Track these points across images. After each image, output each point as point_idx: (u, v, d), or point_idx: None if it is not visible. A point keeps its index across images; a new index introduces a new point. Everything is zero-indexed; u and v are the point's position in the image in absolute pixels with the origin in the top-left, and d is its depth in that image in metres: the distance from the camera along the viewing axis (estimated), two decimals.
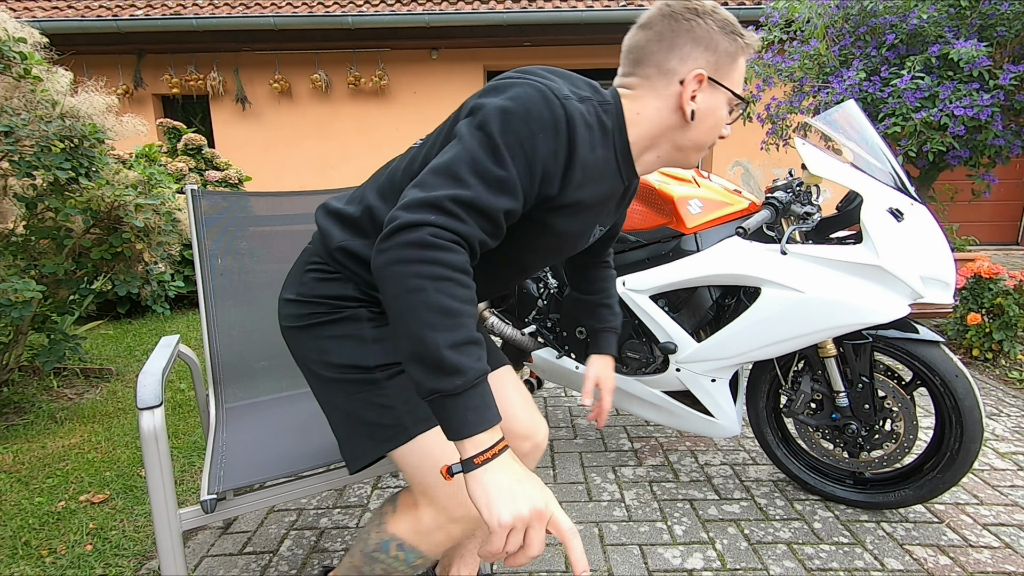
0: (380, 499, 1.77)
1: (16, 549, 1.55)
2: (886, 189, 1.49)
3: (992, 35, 2.92)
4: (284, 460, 1.19)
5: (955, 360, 1.48)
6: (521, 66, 0.89)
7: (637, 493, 1.78)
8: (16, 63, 2.17)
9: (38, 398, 2.57)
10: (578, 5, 5.66)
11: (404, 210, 0.68)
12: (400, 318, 0.65)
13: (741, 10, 5.40)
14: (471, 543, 1.15)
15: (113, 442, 2.17)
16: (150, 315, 4.08)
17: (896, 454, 1.58)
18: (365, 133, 6.29)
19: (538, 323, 2.07)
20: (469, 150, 0.72)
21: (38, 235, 2.36)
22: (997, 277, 2.80)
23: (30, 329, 2.46)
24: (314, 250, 0.96)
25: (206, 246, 1.57)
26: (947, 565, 1.44)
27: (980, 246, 5.88)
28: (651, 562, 1.46)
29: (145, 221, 2.40)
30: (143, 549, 1.55)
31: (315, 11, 5.65)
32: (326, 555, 1.51)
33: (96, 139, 2.32)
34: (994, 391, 2.53)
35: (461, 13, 5.55)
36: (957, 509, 1.67)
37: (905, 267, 1.41)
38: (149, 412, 0.99)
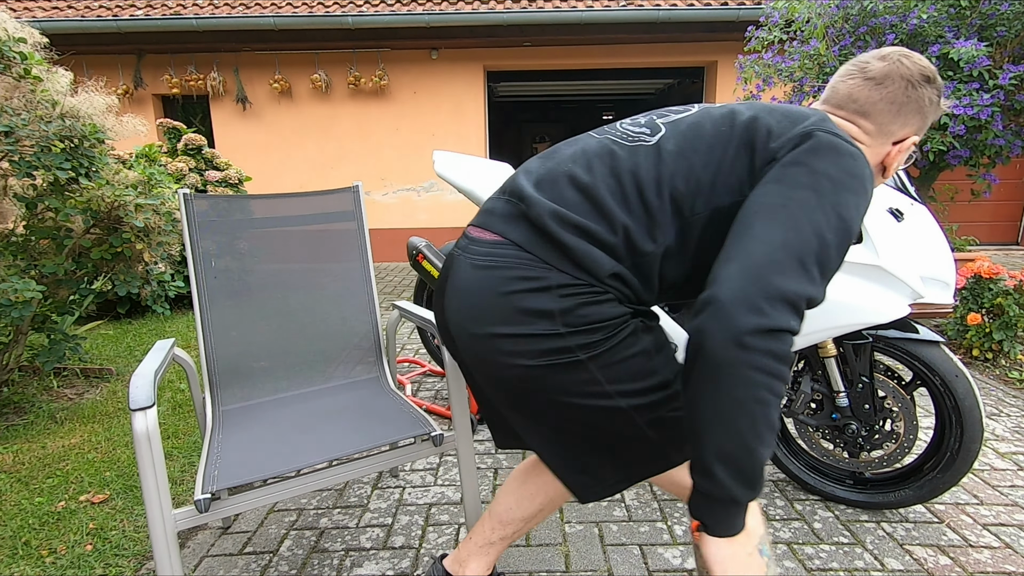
0: (380, 499, 1.77)
1: (16, 549, 1.55)
2: (886, 189, 1.49)
3: (992, 35, 2.92)
4: (280, 459, 1.19)
5: (955, 360, 1.48)
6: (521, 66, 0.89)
7: (637, 493, 1.78)
8: (16, 63, 2.17)
9: (38, 398, 2.57)
10: (578, 5, 5.66)
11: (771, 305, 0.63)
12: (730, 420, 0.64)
13: (741, 10, 5.40)
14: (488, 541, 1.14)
15: (113, 442, 2.17)
16: (150, 315, 4.08)
17: (896, 454, 1.58)
18: (365, 133, 6.29)
19: None
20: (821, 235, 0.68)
21: (38, 235, 2.36)
22: (997, 277, 2.80)
23: (30, 329, 2.46)
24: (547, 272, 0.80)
25: (200, 249, 1.57)
26: (947, 565, 1.44)
27: (980, 246, 5.88)
28: (651, 562, 1.46)
29: (145, 221, 2.40)
30: (143, 549, 1.55)
31: (315, 11, 5.65)
32: (326, 555, 1.51)
33: (96, 139, 2.32)
34: (994, 391, 2.53)
35: (461, 13, 5.54)
36: (957, 509, 1.67)
37: (905, 267, 1.41)
38: (142, 413, 0.99)
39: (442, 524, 1.63)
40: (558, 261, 0.79)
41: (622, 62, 6.33)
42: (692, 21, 5.53)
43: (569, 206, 0.81)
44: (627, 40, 5.96)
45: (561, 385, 0.80)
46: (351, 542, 1.57)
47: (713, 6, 5.50)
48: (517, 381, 0.82)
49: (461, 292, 0.85)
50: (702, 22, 5.55)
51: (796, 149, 0.75)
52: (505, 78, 7.23)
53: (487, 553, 1.14)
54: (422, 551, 1.52)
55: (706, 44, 6.05)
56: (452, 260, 0.90)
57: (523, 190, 0.85)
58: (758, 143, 0.78)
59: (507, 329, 0.80)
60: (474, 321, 0.83)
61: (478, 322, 0.82)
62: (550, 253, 0.80)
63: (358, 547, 1.55)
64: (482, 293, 0.82)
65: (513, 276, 0.80)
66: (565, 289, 0.78)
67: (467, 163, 2.17)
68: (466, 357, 0.88)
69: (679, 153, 0.81)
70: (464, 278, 0.85)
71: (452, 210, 6.46)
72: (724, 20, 5.47)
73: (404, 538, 1.58)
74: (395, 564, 1.47)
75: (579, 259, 0.78)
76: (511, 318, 0.79)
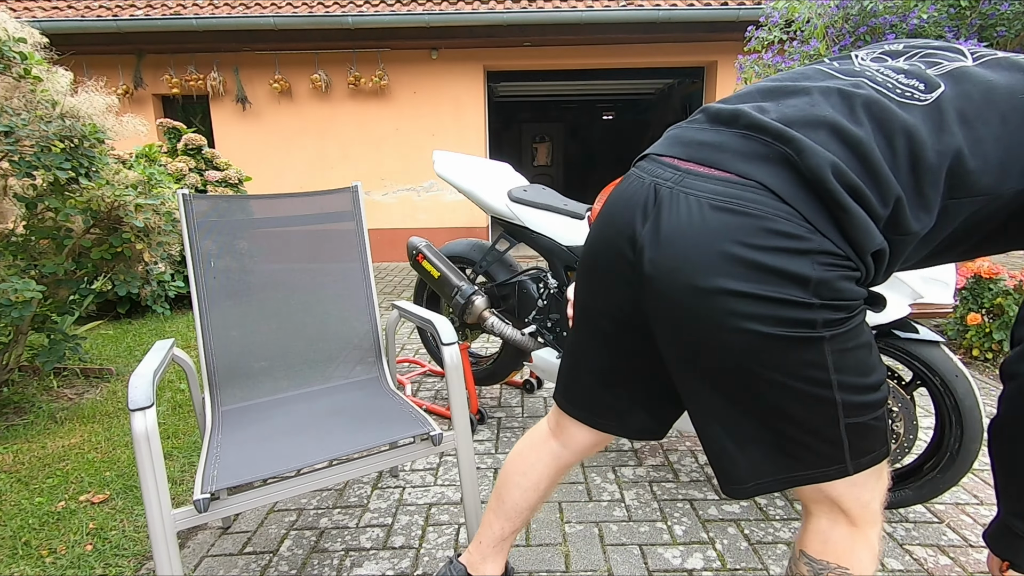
0: (380, 499, 1.77)
1: (16, 549, 1.55)
2: None
3: (992, 35, 2.92)
4: (279, 459, 1.19)
5: (955, 360, 1.48)
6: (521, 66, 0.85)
7: (637, 493, 1.78)
8: (16, 63, 2.17)
9: (38, 398, 2.57)
10: (578, 5, 5.66)
11: None
12: None
13: (741, 10, 5.40)
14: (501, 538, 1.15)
15: (113, 442, 2.17)
16: (150, 315, 4.08)
17: (896, 454, 1.58)
18: (365, 133, 6.29)
19: (538, 323, 2.07)
20: None
21: (38, 235, 2.36)
22: (997, 277, 2.80)
23: (30, 329, 2.46)
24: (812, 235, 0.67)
25: (199, 249, 1.57)
26: (947, 565, 1.44)
27: None
28: (651, 562, 1.46)
29: (145, 221, 2.40)
30: (143, 549, 1.55)
31: (315, 11, 5.65)
32: (326, 555, 1.51)
33: (96, 139, 2.32)
34: (994, 391, 2.53)
35: (461, 13, 5.55)
36: (957, 509, 1.67)
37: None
38: (141, 413, 0.99)
39: (442, 524, 1.63)
40: (824, 225, 0.66)
41: (622, 62, 6.33)
42: (692, 21, 5.53)
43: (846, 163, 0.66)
44: (627, 40, 5.96)
45: (785, 362, 0.70)
46: (351, 542, 1.57)
47: (713, 6, 5.50)
48: (736, 348, 0.70)
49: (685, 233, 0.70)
50: (702, 22, 5.55)
51: None
52: (505, 78, 7.23)
53: (501, 550, 1.15)
54: (422, 551, 1.52)
55: (706, 44, 6.05)
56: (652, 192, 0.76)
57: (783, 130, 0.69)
58: None
59: (748, 287, 0.67)
60: (701, 271, 0.69)
61: (707, 273, 0.69)
62: (818, 213, 0.66)
63: (358, 547, 1.55)
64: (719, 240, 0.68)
65: (765, 228, 0.67)
66: (826, 258, 0.66)
67: (467, 163, 2.17)
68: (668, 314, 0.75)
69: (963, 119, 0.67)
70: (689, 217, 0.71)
71: (452, 210, 6.47)
72: (724, 20, 5.47)
73: (404, 538, 1.58)
74: (395, 564, 1.47)
75: (852, 228, 0.66)
76: (756, 276, 0.67)
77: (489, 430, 2.23)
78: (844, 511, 0.80)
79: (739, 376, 0.73)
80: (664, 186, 0.75)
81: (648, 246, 0.74)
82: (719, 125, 0.76)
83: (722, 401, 0.77)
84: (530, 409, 2.42)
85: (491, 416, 2.35)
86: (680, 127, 0.83)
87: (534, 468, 1.10)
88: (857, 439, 0.74)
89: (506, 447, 2.08)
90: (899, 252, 0.71)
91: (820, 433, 0.74)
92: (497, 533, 1.14)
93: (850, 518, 0.80)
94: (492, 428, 2.24)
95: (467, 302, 2.02)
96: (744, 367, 0.72)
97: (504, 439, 2.15)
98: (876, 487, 0.80)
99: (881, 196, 0.66)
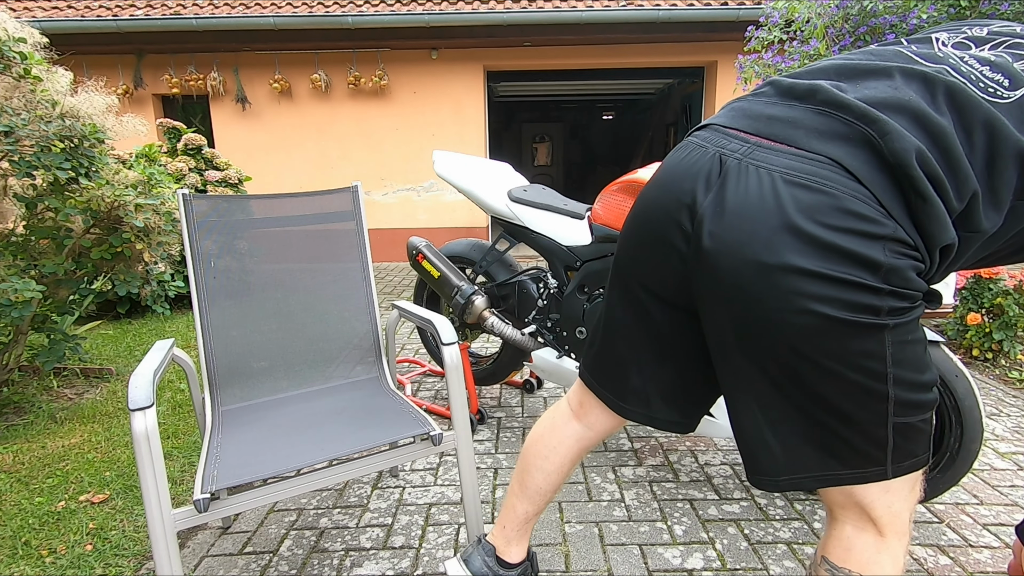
0: (380, 499, 1.77)
1: (16, 549, 1.55)
2: None
3: None
4: (279, 459, 1.19)
5: (955, 360, 1.48)
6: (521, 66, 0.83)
7: (637, 493, 1.78)
8: (16, 63, 2.17)
9: (38, 398, 2.57)
10: (578, 5, 5.66)
11: None
12: None
13: (741, 10, 5.40)
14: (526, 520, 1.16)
15: (113, 442, 2.17)
16: (150, 315, 4.08)
17: None
18: (365, 133, 6.29)
19: (538, 323, 2.07)
20: None
21: (38, 235, 2.36)
22: (997, 277, 2.80)
23: (30, 329, 2.46)
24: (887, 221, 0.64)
25: (199, 249, 1.57)
26: (947, 565, 1.44)
27: None
28: (651, 562, 1.46)
29: (145, 221, 2.40)
30: (143, 549, 1.55)
31: (315, 11, 5.65)
32: (326, 555, 1.51)
33: (96, 139, 2.32)
34: (994, 391, 2.53)
35: (461, 13, 5.55)
36: (957, 509, 1.67)
37: None
38: (141, 413, 0.99)
39: (442, 524, 1.63)
40: (899, 212, 0.64)
41: (622, 62, 6.33)
42: (692, 21, 5.53)
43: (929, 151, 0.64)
44: (627, 40, 5.96)
45: (843, 349, 0.67)
46: (351, 542, 1.57)
47: (713, 6, 5.50)
48: (796, 331, 0.67)
49: (754, 206, 0.67)
50: (702, 22, 5.55)
51: None
52: (505, 78, 7.23)
53: (526, 532, 1.18)
54: (422, 551, 1.52)
55: (706, 44, 6.05)
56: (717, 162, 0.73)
57: (867, 110, 0.66)
58: None
59: (818, 266, 0.64)
60: (770, 247, 0.66)
61: (776, 249, 0.66)
62: (894, 199, 0.64)
63: (358, 547, 1.55)
64: (792, 215, 0.65)
65: (841, 208, 0.64)
66: (898, 246, 0.64)
67: (467, 163, 2.17)
68: (725, 290, 0.71)
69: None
70: (760, 190, 0.68)
71: (452, 210, 6.47)
72: (724, 20, 5.47)
73: (404, 538, 1.58)
74: (395, 564, 1.47)
75: (928, 219, 0.64)
76: (827, 255, 0.64)
77: (489, 430, 2.23)
78: (873, 519, 0.77)
79: (793, 361, 0.70)
80: (732, 157, 0.71)
81: (710, 218, 0.71)
82: (792, 100, 0.73)
83: (769, 388, 0.74)
84: (530, 409, 2.42)
85: (491, 416, 2.35)
86: (746, 99, 0.79)
87: (556, 451, 1.09)
88: (903, 440, 0.72)
89: (506, 447, 2.09)
90: (965, 250, 0.69)
91: (866, 431, 0.71)
92: (521, 516, 1.15)
93: (878, 527, 0.77)
94: (492, 428, 2.24)
95: (467, 302, 2.02)
96: (800, 352, 0.69)
97: (504, 439, 2.15)
98: (909, 497, 0.77)
99: (958, 190, 0.64)
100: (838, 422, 0.72)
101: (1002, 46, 0.73)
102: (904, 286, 0.65)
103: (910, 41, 0.78)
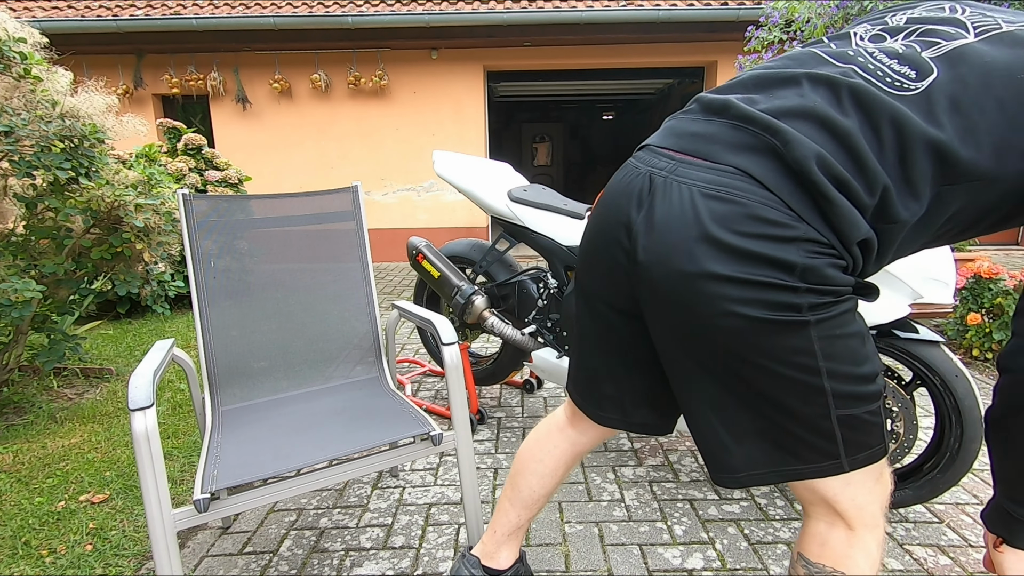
0: (380, 499, 1.77)
1: (16, 549, 1.55)
2: None
3: None
4: (279, 459, 1.19)
5: (955, 360, 1.48)
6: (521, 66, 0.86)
7: (637, 493, 1.78)
8: (16, 63, 2.17)
9: (38, 398, 2.57)
10: (578, 5, 5.66)
11: None
12: None
13: (741, 10, 5.40)
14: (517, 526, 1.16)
15: (113, 442, 2.17)
16: (150, 315, 4.08)
17: (896, 454, 1.58)
18: (365, 133, 6.30)
19: (538, 323, 2.07)
20: None
21: (38, 235, 2.36)
22: (997, 277, 2.80)
23: (30, 329, 2.46)
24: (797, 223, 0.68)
25: (199, 249, 1.57)
26: (947, 565, 1.44)
27: (980, 246, 5.87)
28: (651, 562, 1.46)
29: (145, 221, 2.40)
30: (143, 549, 1.55)
31: (315, 11, 5.65)
32: (326, 555, 1.51)
33: (96, 139, 2.32)
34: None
35: (461, 13, 5.55)
36: (957, 509, 1.67)
37: (905, 267, 1.41)
38: (141, 413, 0.99)
39: (442, 524, 1.63)
40: (809, 214, 0.68)
41: (622, 62, 6.33)
42: (692, 21, 5.54)
43: (832, 154, 0.68)
44: (627, 40, 5.97)
45: (773, 348, 0.71)
46: (351, 542, 1.57)
47: (713, 6, 5.50)
48: (725, 333, 0.72)
49: (676, 220, 0.72)
50: (702, 22, 5.56)
51: None
52: (505, 78, 7.24)
53: (516, 538, 1.17)
54: (422, 551, 1.52)
55: (706, 44, 6.06)
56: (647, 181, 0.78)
57: (771, 122, 0.71)
58: None
59: (734, 271, 0.69)
60: (689, 256, 0.71)
61: (695, 258, 0.71)
62: (803, 203, 0.68)
63: (358, 547, 1.55)
64: (707, 226, 0.70)
65: (751, 215, 0.68)
66: (812, 246, 0.68)
67: (467, 163, 2.17)
68: (660, 300, 0.76)
69: (955, 108, 0.66)
70: (680, 205, 0.72)
71: (452, 210, 6.47)
72: (724, 20, 5.47)
73: (404, 538, 1.58)
74: (395, 564, 1.47)
75: (837, 218, 0.67)
76: (742, 260, 0.69)
77: (489, 430, 2.23)
78: (840, 513, 0.79)
79: (732, 363, 0.74)
80: (659, 175, 0.77)
81: (642, 234, 0.76)
82: (711, 115, 0.78)
83: (717, 390, 0.78)
84: (530, 409, 2.42)
85: (491, 416, 2.35)
86: (676, 118, 0.84)
87: (551, 455, 1.11)
88: (851, 433, 0.74)
89: (506, 447, 2.09)
90: (889, 240, 0.71)
91: (812, 425, 0.74)
92: (514, 520, 1.15)
93: (846, 521, 0.80)
94: (492, 428, 2.25)
95: (467, 302, 2.02)
96: (736, 352, 0.73)
97: (504, 439, 2.15)
98: (874, 489, 0.79)
99: (868, 186, 0.67)
100: (785, 418, 0.75)
101: (915, 34, 0.75)
102: (822, 283, 0.69)
103: (831, 39, 0.81)
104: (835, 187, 0.67)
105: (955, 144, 0.66)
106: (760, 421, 0.76)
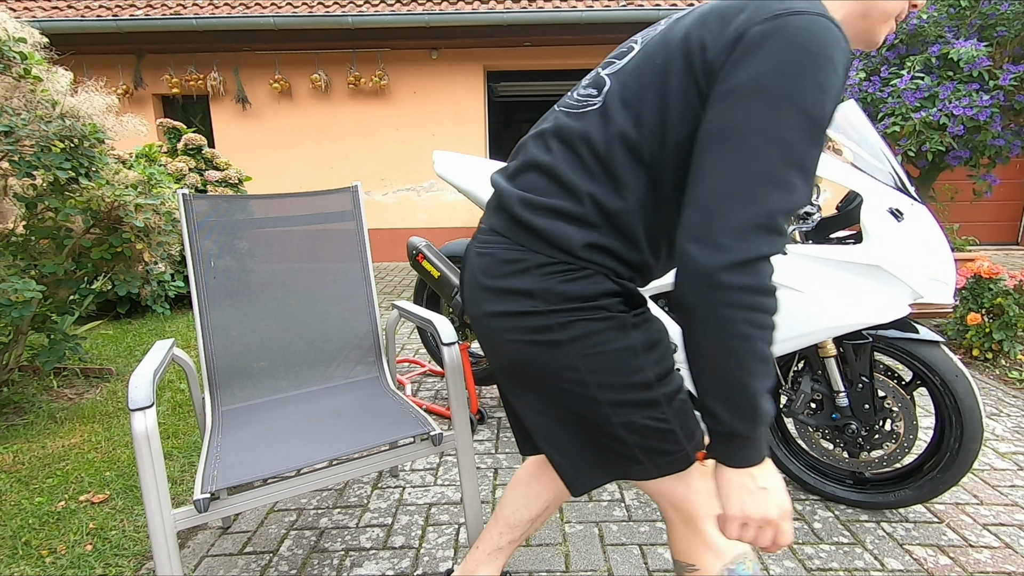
0: (380, 499, 1.77)
1: (16, 549, 1.55)
2: (886, 189, 1.49)
3: (992, 35, 2.92)
4: (279, 459, 1.19)
5: (955, 360, 1.48)
6: (521, 66, 0.89)
7: (637, 493, 1.78)
8: (16, 63, 2.17)
9: (38, 398, 2.57)
10: (578, 5, 5.66)
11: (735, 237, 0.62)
12: (715, 360, 0.66)
13: None
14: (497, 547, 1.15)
15: (113, 442, 2.17)
16: (150, 315, 4.07)
17: (896, 454, 1.58)
18: (365, 133, 6.29)
19: None
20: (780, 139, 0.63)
21: (38, 235, 2.36)
22: (997, 277, 2.80)
23: (30, 329, 2.46)
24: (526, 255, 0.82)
25: (199, 249, 1.57)
26: (947, 565, 1.44)
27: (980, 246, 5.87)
28: (651, 562, 1.46)
29: (145, 221, 2.40)
30: (143, 549, 1.55)
31: (315, 11, 5.65)
32: (326, 555, 1.51)
33: (96, 139, 2.32)
34: (994, 391, 2.53)
35: (461, 13, 5.54)
36: (957, 509, 1.67)
37: (905, 267, 1.41)
38: (141, 413, 0.99)
39: (442, 524, 1.63)
40: (532, 243, 0.82)
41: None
42: None
43: (536, 190, 0.83)
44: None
45: (546, 366, 0.83)
46: (351, 542, 1.57)
47: None
48: (511, 357, 0.86)
49: (468, 278, 0.91)
50: None
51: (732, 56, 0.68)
52: (505, 78, 7.23)
53: (497, 559, 1.15)
54: (422, 551, 1.52)
55: None
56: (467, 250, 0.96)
57: (498, 183, 0.90)
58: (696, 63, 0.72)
59: (498, 307, 0.84)
60: (476, 303, 0.88)
61: (479, 304, 0.87)
62: (524, 236, 0.83)
63: (358, 547, 1.55)
64: (481, 277, 0.87)
65: (499, 260, 0.85)
66: (543, 269, 0.81)
67: (467, 163, 2.17)
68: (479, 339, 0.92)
69: (624, 104, 0.78)
70: (470, 265, 0.91)
71: (452, 210, 6.46)
72: None
73: (404, 538, 1.58)
74: (395, 564, 1.47)
75: (550, 238, 0.81)
76: (501, 298, 0.84)
77: (489, 430, 2.23)
78: (674, 508, 0.87)
79: (534, 384, 0.86)
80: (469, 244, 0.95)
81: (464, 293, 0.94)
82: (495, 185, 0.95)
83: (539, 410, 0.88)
84: None
85: (491, 416, 2.35)
86: None
87: (537, 479, 1.12)
88: (642, 439, 0.82)
89: (506, 447, 2.09)
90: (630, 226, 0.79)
91: (605, 431, 0.83)
92: (495, 540, 1.14)
93: (681, 516, 0.87)
94: (492, 428, 2.24)
95: None
96: (530, 375, 0.85)
97: (504, 439, 2.15)
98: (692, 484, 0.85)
99: (576, 199, 0.79)
100: (588, 427, 0.85)
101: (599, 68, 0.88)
102: (561, 300, 0.80)
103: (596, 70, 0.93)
104: (543, 215, 0.81)
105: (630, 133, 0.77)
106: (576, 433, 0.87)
